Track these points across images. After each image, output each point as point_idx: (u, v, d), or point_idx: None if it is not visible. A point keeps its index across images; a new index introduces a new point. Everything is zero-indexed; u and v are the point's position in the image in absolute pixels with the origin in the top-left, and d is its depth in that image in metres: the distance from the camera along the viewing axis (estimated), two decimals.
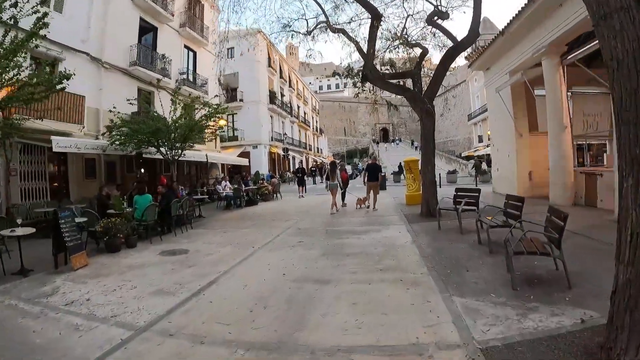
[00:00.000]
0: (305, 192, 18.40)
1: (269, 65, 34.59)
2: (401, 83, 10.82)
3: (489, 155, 33.43)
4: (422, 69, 11.19)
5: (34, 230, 6.20)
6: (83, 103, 12.11)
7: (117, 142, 10.93)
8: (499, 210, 6.30)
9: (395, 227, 8.30)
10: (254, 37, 26.97)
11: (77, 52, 12.70)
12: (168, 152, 11.28)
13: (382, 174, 11.74)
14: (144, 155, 12.03)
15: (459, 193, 7.90)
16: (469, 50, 18.79)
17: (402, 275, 4.68)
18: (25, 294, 4.89)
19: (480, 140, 44.29)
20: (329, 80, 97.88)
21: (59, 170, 12.65)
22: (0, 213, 9.19)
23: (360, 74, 9.71)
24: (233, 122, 33.02)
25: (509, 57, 12.78)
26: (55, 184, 12.20)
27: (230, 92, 32.84)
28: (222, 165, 24.97)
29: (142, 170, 16.84)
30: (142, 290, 4.75)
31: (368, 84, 12.29)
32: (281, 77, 38.86)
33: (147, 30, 17.14)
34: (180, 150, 11.52)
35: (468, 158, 33.23)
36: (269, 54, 34.34)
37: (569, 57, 10.30)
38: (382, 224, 8.98)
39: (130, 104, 10.92)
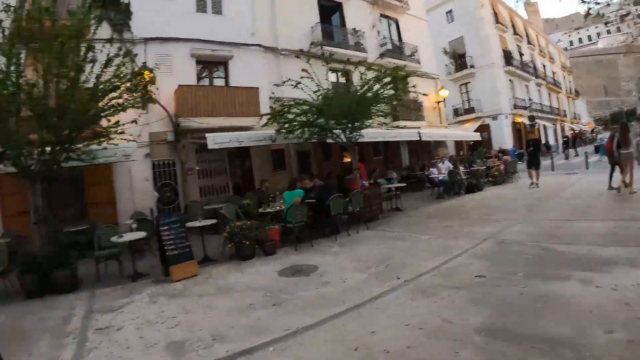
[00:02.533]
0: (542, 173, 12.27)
1: (497, 22, 28.31)
2: None
3: None
4: None
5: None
6: (257, 95, 11.32)
7: (283, 131, 9.68)
8: None
9: None
10: None
11: (246, 46, 12.04)
12: (341, 134, 9.22)
13: None
14: (327, 141, 10.48)
15: None
16: None
17: None
18: (100, 304, 4.53)
19: None
20: (578, 33, 76.43)
21: (243, 165, 12.40)
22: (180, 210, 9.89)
23: None
24: (467, 92, 29.03)
25: None
26: (239, 180, 12.20)
27: (459, 60, 28.69)
28: (460, 142, 21.43)
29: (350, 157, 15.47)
30: (165, 336, 3.41)
31: None
32: (515, 33, 31.40)
33: (331, 10, 15.56)
34: (354, 132, 9.24)
35: None
36: (493, 9, 28.17)
37: None
38: None
39: (276, 85, 9.30)
